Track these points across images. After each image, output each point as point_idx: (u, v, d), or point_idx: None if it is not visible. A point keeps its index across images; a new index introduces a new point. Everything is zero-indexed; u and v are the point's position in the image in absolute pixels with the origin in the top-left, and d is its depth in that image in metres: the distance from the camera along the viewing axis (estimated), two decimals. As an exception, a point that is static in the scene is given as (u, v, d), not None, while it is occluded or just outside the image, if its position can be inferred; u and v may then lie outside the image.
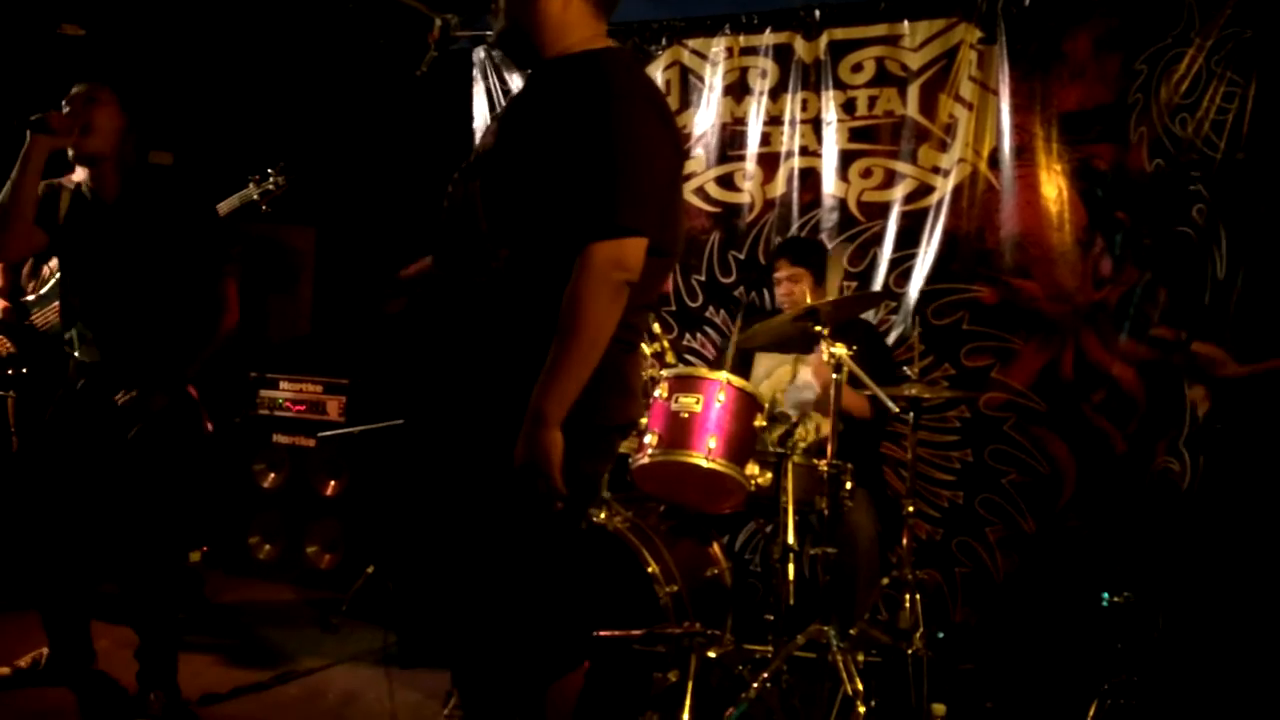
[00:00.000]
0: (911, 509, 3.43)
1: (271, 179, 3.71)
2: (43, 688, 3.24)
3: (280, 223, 5.12)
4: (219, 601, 4.39)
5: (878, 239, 4.37)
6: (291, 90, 5.29)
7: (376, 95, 4.92)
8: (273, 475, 4.81)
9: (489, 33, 4.06)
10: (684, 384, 3.43)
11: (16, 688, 3.23)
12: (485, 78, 5.09)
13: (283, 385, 4.84)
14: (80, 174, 3.13)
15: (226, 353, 3.56)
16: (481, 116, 5.08)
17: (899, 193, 4.34)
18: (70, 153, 3.05)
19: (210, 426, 3.35)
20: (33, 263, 3.95)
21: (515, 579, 2.11)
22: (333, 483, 4.70)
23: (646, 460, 3.34)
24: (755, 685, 3.03)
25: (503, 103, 4.98)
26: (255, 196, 3.69)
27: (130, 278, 3.09)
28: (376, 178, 5.16)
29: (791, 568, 3.22)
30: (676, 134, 2.17)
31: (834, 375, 3.23)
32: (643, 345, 2.28)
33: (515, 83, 4.97)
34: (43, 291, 3.86)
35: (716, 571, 3.53)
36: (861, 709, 2.93)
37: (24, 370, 3.47)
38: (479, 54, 5.09)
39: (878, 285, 4.32)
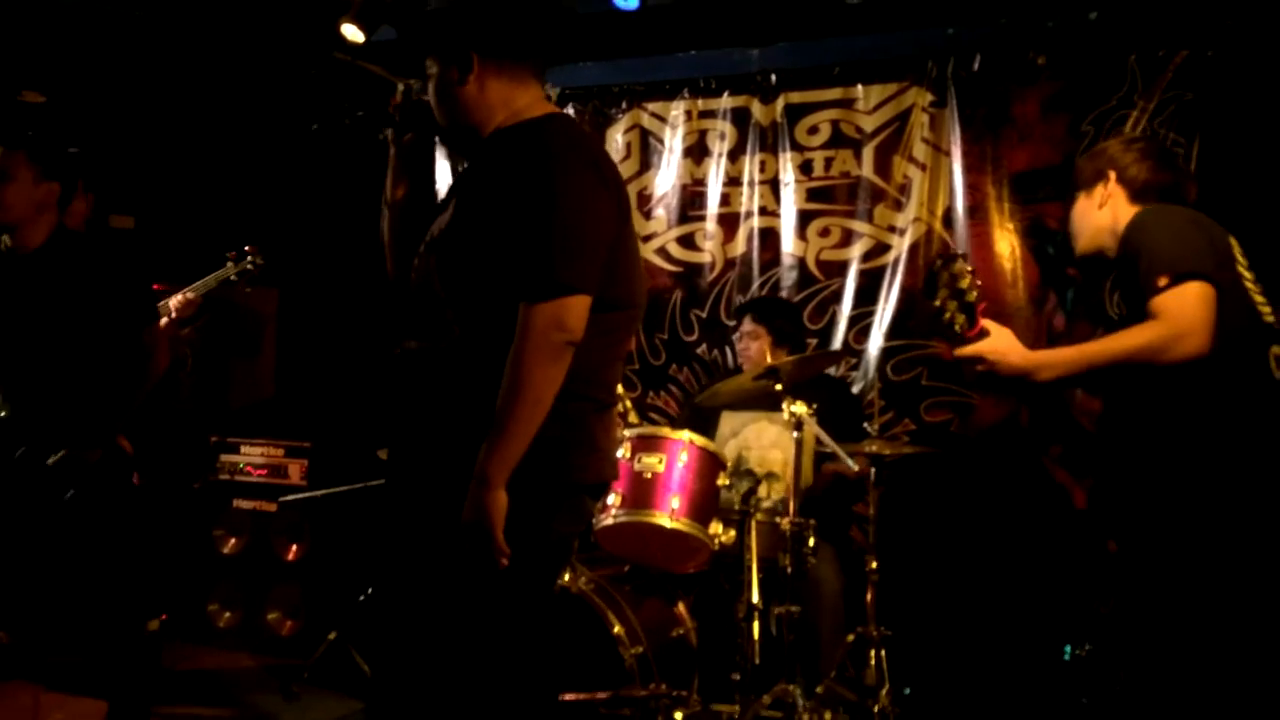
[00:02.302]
0: (875, 565, 3.44)
1: (249, 259, 3.75)
2: None
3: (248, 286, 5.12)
4: (179, 670, 4.30)
5: (836, 297, 4.44)
6: (253, 154, 5.32)
7: (339, 158, 4.95)
8: (233, 540, 4.74)
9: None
10: (646, 443, 3.44)
11: None
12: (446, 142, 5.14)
13: (244, 449, 4.80)
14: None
15: (186, 417, 3.55)
16: (444, 179, 5.12)
17: (856, 251, 4.42)
18: None
19: (137, 479, 3.31)
20: None
21: (475, 641, 2.10)
22: (294, 547, 4.64)
23: (610, 521, 3.34)
24: (721, 746, 3.01)
25: (463, 165, 5.03)
26: (233, 277, 3.72)
27: (41, 331, 3.07)
28: (339, 239, 5.17)
29: (757, 626, 3.22)
30: (618, 187, 2.18)
31: (794, 434, 3.26)
32: (617, 403, 2.30)
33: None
34: None
35: (682, 631, 3.52)
36: (828, 769, 2.92)
37: None
38: (442, 118, 5.14)
39: (837, 343, 4.38)
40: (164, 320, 3.58)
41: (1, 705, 3.26)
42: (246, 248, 3.79)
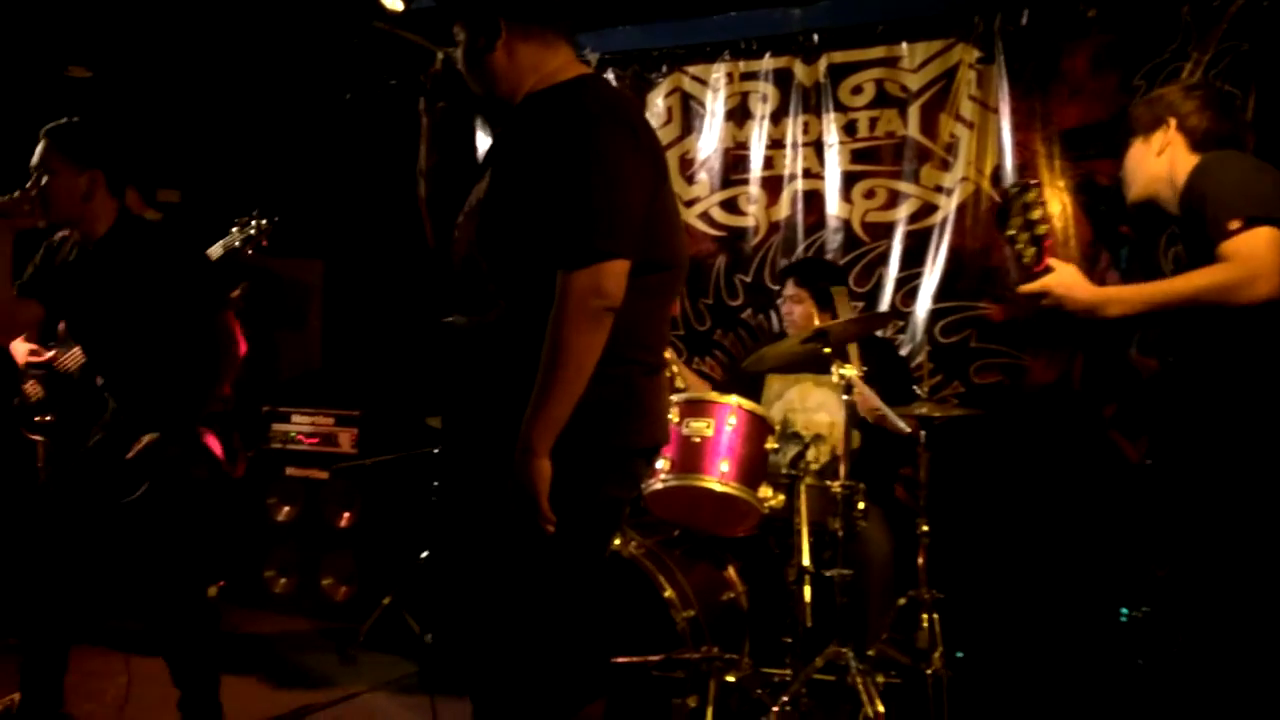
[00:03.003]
0: (926, 527, 3.43)
1: (254, 223, 3.69)
2: None
3: (288, 257, 5.16)
4: (238, 634, 4.39)
5: (883, 259, 4.40)
6: (297, 125, 5.34)
7: (381, 128, 4.96)
8: (286, 508, 4.82)
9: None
10: (694, 408, 3.44)
11: None
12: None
13: (295, 419, 4.86)
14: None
15: (238, 387, 3.58)
16: (484, 147, 5.12)
17: (903, 212, 4.37)
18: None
19: (240, 471, 3.35)
20: None
21: (529, 606, 2.12)
22: (346, 515, 4.71)
23: (659, 485, 3.35)
24: (775, 709, 3.03)
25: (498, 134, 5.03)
26: (237, 244, 3.66)
27: (115, 324, 3.09)
28: (382, 209, 5.20)
29: (808, 589, 3.23)
30: (652, 146, 2.16)
31: (844, 397, 3.24)
32: (665, 365, 2.30)
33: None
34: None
35: (733, 595, 3.54)
36: (882, 731, 2.93)
37: (48, 418, 3.48)
38: (481, 85, 5.13)
39: (884, 305, 4.35)
40: None
41: (73, 667, 3.34)
42: (252, 213, 3.75)
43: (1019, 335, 4.14)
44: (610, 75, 4.83)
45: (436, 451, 4.05)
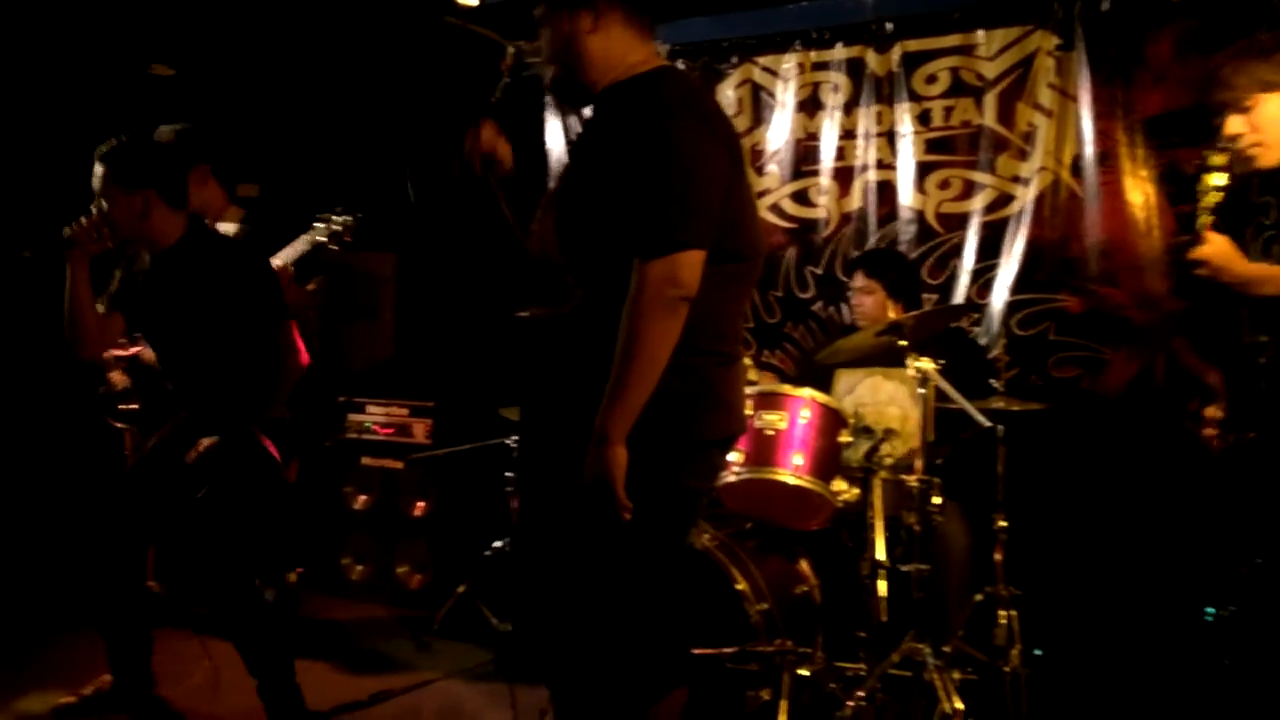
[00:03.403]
0: (1003, 523, 3.39)
1: (337, 219, 3.75)
2: (104, 716, 3.33)
3: (360, 250, 5.24)
4: (316, 619, 4.48)
5: (957, 250, 4.34)
6: (370, 118, 5.41)
7: (453, 122, 5.01)
8: (362, 497, 4.91)
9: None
10: (768, 401, 3.44)
11: (81, 716, 3.33)
12: (564, 109, 5.15)
13: (370, 409, 4.94)
14: None
15: (312, 379, 3.66)
16: (555, 140, 5.15)
17: (978, 203, 4.31)
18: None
19: (291, 476, 3.43)
20: None
21: (611, 597, 2.14)
22: (420, 504, 4.78)
23: (732, 478, 3.35)
24: (850, 703, 3.02)
25: (577, 127, 5.05)
26: (321, 239, 3.73)
27: (180, 333, 3.21)
28: (454, 202, 5.24)
29: (883, 584, 3.21)
30: (730, 138, 2.17)
31: (920, 390, 3.21)
32: (741, 355, 2.30)
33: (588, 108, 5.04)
34: None
35: (806, 589, 3.53)
36: (960, 728, 2.90)
37: (133, 406, 3.60)
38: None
39: (959, 297, 4.30)
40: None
41: (157, 649, 3.45)
42: (334, 209, 3.80)
43: (1100, 328, 4.06)
44: (680, 67, 4.82)
45: (510, 442, 4.09)
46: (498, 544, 4.15)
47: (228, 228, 3.92)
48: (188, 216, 3.22)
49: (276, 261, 3.70)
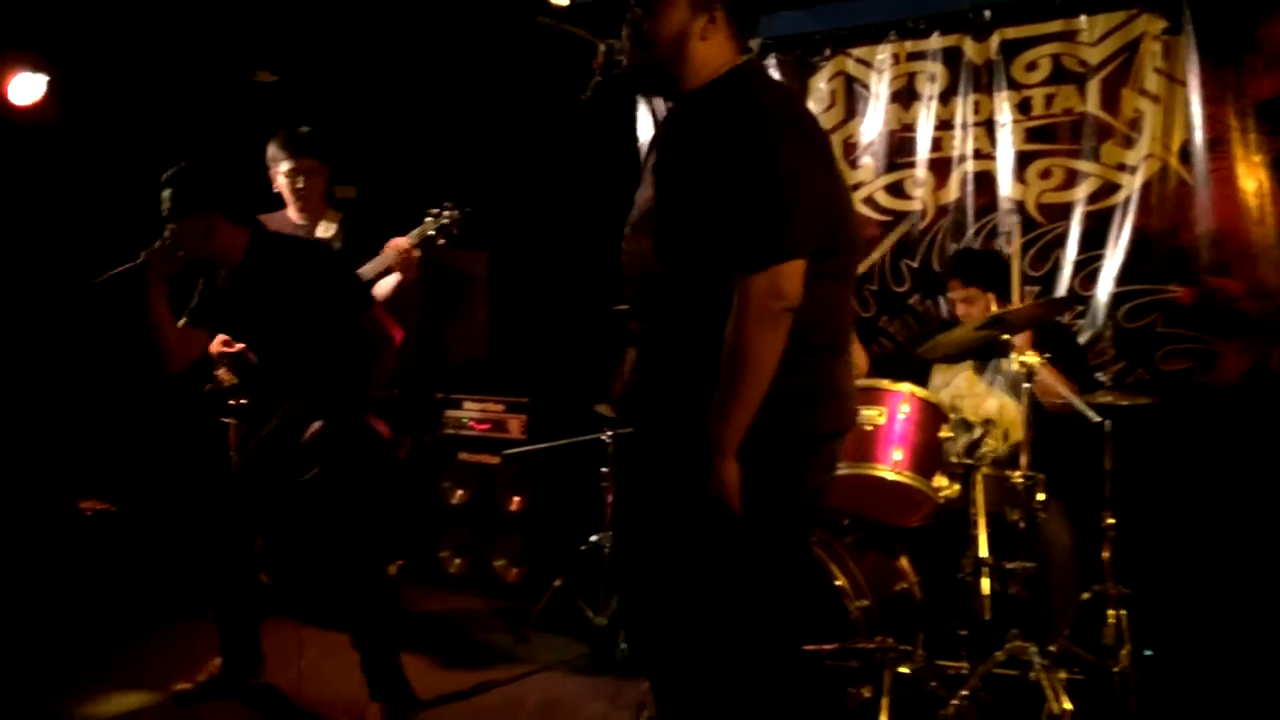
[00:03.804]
0: (1111, 520, 3.31)
1: (446, 214, 3.82)
2: (216, 701, 3.46)
3: (454, 247, 5.31)
4: (416, 611, 4.57)
5: (1060, 241, 4.24)
6: (463, 120, 5.49)
7: (544, 121, 5.06)
8: (460, 492, 4.99)
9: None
10: (866, 396, 3.40)
11: (195, 702, 3.46)
12: (649, 99, 5.16)
13: (466, 405, 5.02)
14: None
15: (410, 375, 3.74)
16: (645, 136, 5.16)
17: (1081, 192, 4.21)
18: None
19: (403, 452, 3.52)
20: None
21: (729, 593, 2.14)
22: (516, 499, 4.84)
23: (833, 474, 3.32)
24: (954, 702, 2.98)
25: (661, 114, 5.05)
26: (432, 232, 3.80)
27: (269, 337, 3.34)
28: (546, 201, 5.30)
29: (985, 581, 3.16)
30: (818, 136, 2.16)
31: (1024, 384, 3.15)
32: (850, 345, 2.29)
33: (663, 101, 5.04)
34: None
35: (906, 585, 3.49)
36: (1069, 728, 2.84)
37: (241, 401, 3.71)
38: (642, 75, 5.16)
39: (1061, 289, 4.20)
40: (394, 279, 3.75)
41: (266, 638, 3.56)
42: (445, 204, 3.86)
43: (1211, 319, 3.93)
44: (772, 60, 4.80)
45: (605, 437, 4.12)
46: (593, 538, 4.18)
47: (327, 230, 4.01)
48: (250, 229, 3.34)
49: (404, 242, 3.73)
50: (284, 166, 3.92)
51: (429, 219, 3.81)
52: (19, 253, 4.82)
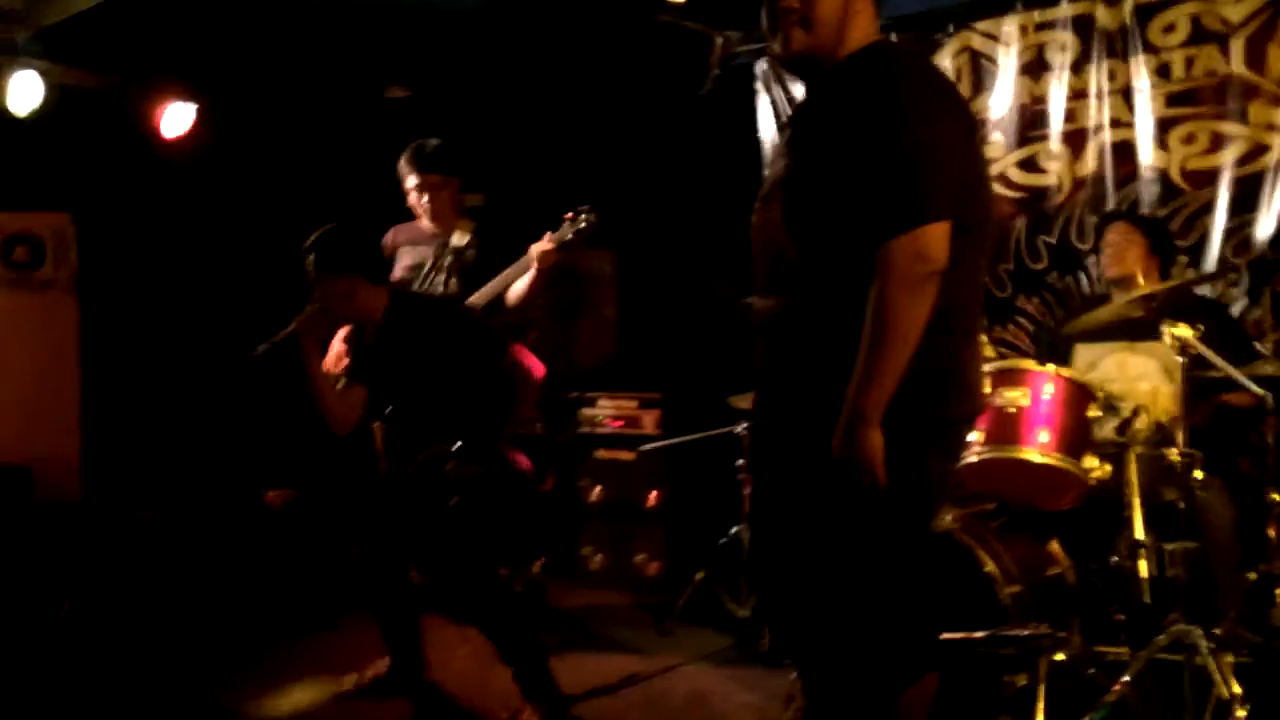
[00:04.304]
0: (1276, 497, 3.15)
1: (584, 217, 3.87)
2: (383, 700, 3.56)
3: (580, 248, 5.38)
4: (560, 607, 4.66)
5: (1207, 209, 4.06)
6: (584, 120, 5.55)
7: (664, 117, 5.09)
8: (598, 489, 5.07)
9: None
10: (1007, 377, 3.33)
11: (361, 699, 3.58)
12: (769, 89, 5.14)
13: (600, 403, 5.10)
14: None
15: (545, 379, 3.82)
16: (767, 127, 5.14)
17: (1229, 156, 4.02)
18: None
19: (549, 485, 3.64)
20: None
21: (863, 582, 2.13)
22: (654, 494, 4.89)
23: (974, 458, 3.26)
24: (1116, 688, 2.89)
25: (788, 110, 5.02)
26: (570, 235, 3.85)
27: (415, 389, 3.44)
28: (669, 197, 5.32)
29: (1144, 564, 3.06)
30: (962, 105, 2.14)
31: (1178, 359, 3.03)
32: (980, 330, 2.26)
33: (798, 90, 5.00)
34: None
35: (1058, 570, 3.40)
36: (1241, 713, 2.72)
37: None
38: (760, 66, 5.15)
39: (1210, 258, 4.02)
40: (529, 278, 3.84)
41: (426, 637, 3.66)
42: (581, 208, 3.91)
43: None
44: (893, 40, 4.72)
45: (739, 430, 4.12)
46: (733, 531, 4.19)
47: (461, 238, 4.11)
48: (389, 289, 3.47)
49: (544, 245, 3.81)
50: (411, 182, 4.04)
51: (566, 223, 3.85)
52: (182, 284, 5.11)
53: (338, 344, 3.58)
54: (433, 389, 3.42)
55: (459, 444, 3.36)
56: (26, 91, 4.63)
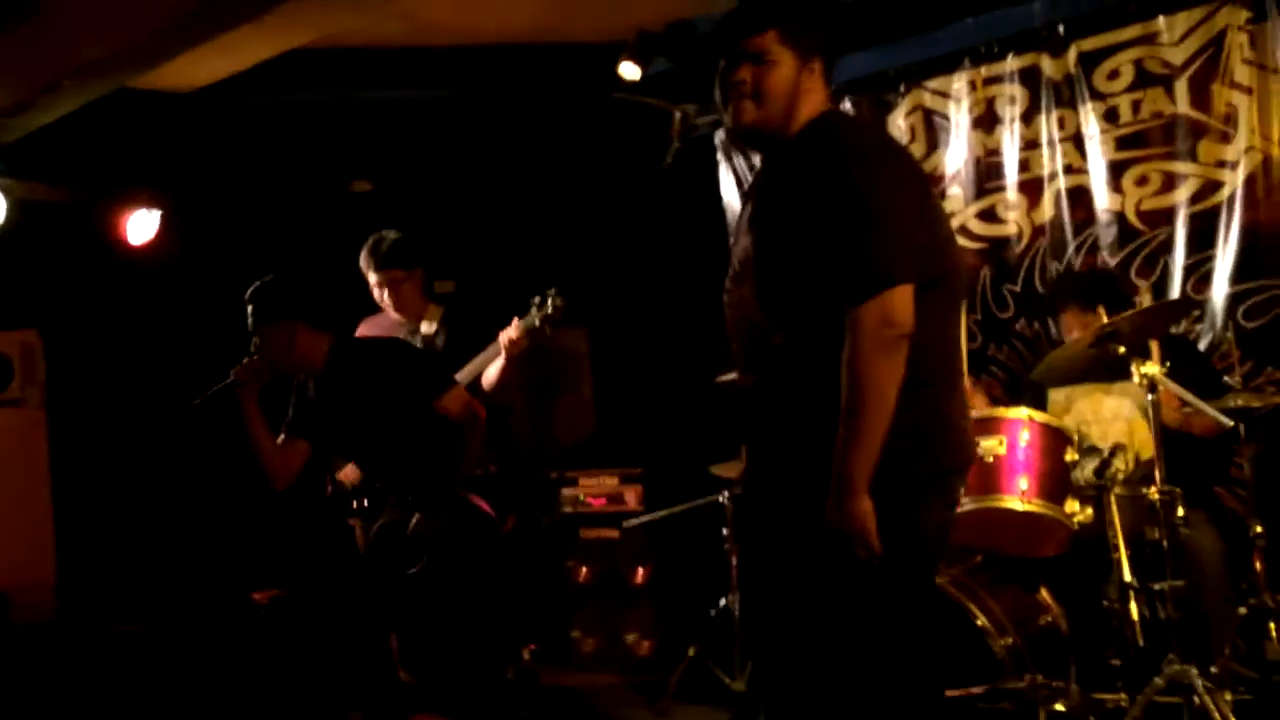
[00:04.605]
0: (1260, 529, 3.14)
1: (550, 302, 3.85)
2: None
3: (554, 327, 5.39)
4: (551, 689, 4.55)
5: (1166, 247, 4.11)
6: (548, 201, 5.60)
7: (629, 193, 5.14)
8: (585, 569, 5.00)
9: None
10: (983, 426, 3.32)
11: None
12: (729, 158, 5.20)
13: (582, 482, 5.06)
14: None
15: (523, 459, 3.79)
16: (731, 196, 5.19)
17: (1182, 195, 4.08)
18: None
19: (508, 527, 3.56)
20: None
21: (864, 644, 2.09)
22: (641, 570, 4.83)
23: (956, 511, 3.23)
24: (1117, 735, 2.84)
25: (748, 177, 5.07)
26: (537, 323, 3.83)
27: (361, 435, 3.42)
28: (639, 271, 5.36)
29: (1134, 606, 3.03)
30: (911, 165, 2.18)
31: (1148, 396, 3.04)
32: (963, 378, 2.25)
33: (758, 158, 5.07)
34: None
35: (1050, 618, 3.36)
36: (1244, 752, 2.68)
37: (365, 502, 3.80)
38: (719, 136, 5.22)
39: (1173, 296, 4.04)
40: (500, 363, 3.82)
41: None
42: (547, 291, 3.90)
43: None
44: (847, 104, 4.79)
45: (723, 499, 4.09)
46: (722, 602, 4.13)
47: (429, 326, 4.10)
48: (331, 335, 3.43)
49: (512, 333, 3.79)
50: (372, 279, 4.04)
51: (533, 309, 3.84)
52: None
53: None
54: (375, 433, 3.36)
55: (411, 497, 3.30)
56: (-10, 211, 4.64)
